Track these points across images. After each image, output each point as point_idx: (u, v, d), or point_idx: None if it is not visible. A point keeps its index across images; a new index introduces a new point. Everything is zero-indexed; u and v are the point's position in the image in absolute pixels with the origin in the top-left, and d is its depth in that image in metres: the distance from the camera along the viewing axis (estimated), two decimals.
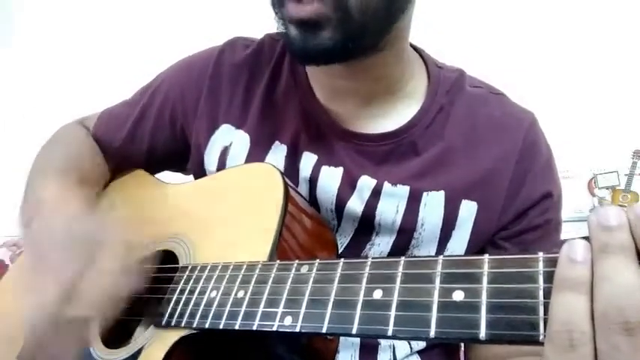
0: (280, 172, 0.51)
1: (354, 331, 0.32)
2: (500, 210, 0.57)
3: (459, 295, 0.30)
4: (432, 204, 0.57)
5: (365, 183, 0.57)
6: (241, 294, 0.40)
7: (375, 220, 0.57)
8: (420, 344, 0.61)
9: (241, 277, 0.42)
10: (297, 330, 0.35)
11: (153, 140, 0.70)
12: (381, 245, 0.58)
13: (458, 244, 0.57)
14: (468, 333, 0.28)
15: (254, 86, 0.65)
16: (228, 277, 0.43)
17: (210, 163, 0.64)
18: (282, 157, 0.61)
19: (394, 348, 0.59)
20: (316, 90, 0.62)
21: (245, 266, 0.43)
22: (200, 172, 0.66)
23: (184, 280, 0.46)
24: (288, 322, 0.36)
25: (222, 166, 0.63)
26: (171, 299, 0.45)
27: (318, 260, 0.38)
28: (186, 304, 0.44)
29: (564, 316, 0.25)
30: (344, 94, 0.60)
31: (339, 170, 0.58)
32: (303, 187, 0.60)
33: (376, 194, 0.57)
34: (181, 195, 0.62)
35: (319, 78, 0.62)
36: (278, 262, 0.41)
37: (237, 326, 0.38)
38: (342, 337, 0.56)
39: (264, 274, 0.40)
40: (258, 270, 0.41)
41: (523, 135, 0.59)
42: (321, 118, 0.61)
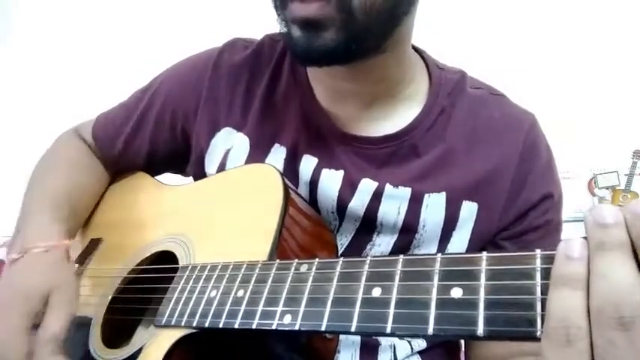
0: (280, 172, 0.51)
1: (352, 329, 0.32)
2: (501, 211, 0.57)
3: (457, 293, 0.30)
4: (434, 205, 0.57)
5: (366, 186, 0.57)
6: (241, 293, 0.40)
7: (377, 221, 0.57)
8: (421, 344, 0.60)
9: (241, 276, 0.42)
10: (297, 328, 0.35)
11: (153, 143, 0.70)
12: (382, 245, 0.58)
13: (458, 244, 0.57)
14: (466, 330, 0.28)
15: (254, 87, 0.64)
16: (227, 276, 0.43)
17: (211, 165, 0.64)
18: (282, 160, 0.61)
19: (395, 348, 0.59)
20: (317, 92, 0.62)
21: (245, 266, 0.43)
22: (200, 175, 0.66)
23: (184, 280, 0.47)
24: (287, 320, 0.36)
25: (222, 169, 0.63)
26: (171, 299, 0.46)
27: (317, 259, 0.38)
28: (186, 303, 0.44)
29: (561, 312, 0.25)
30: (345, 96, 0.60)
31: (339, 173, 0.58)
32: (303, 190, 0.60)
33: (378, 196, 0.57)
34: (181, 196, 0.62)
35: (320, 79, 0.62)
36: (278, 261, 0.41)
37: (236, 325, 0.38)
38: (343, 337, 0.56)
39: (263, 273, 0.41)
40: (257, 269, 0.41)
41: (523, 136, 0.60)
42: (321, 120, 0.61)
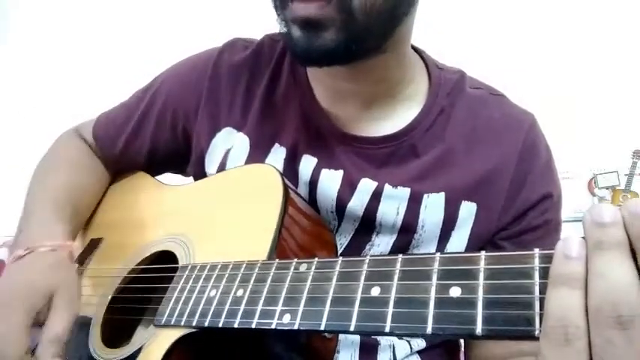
0: (280, 172, 0.52)
1: (351, 328, 0.32)
2: (500, 211, 0.57)
3: (455, 292, 0.30)
4: (433, 206, 0.57)
5: (365, 186, 0.58)
6: (240, 292, 0.40)
7: (376, 221, 0.57)
8: (420, 344, 0.60)
9: (240, 276, 0.42)
10: (296, 327, 0.35)
11: (154, 143, 0.70)
12: (381, 245, 0.58)
13: (457, 244, 0.57)
14: (464, 329, 0.28)
15: (254, 87, 0.65)
16: (227, 276, 0.43)
17: (211, 165, 0.64)
18: (282, 160, 0.61)
19: (394, 348, 0.59)
20: (317, 92, 0.62)
21: (244, 265, 0.43)
22: (200, 174, 0.66)
23: (184, 280, 0.47)
24: (286, 319, 0.36)
25: (222, 169, 0.63)
26: (171, 298, 0.46)
27: (316, 259, 0.39)
28: (186, 302, 0.44)
29: (559, 312, 0.25)
30: (345, 96, 0.60)
31: (339, 173, 0.58)
32: (302, 190, 0.60)
33: (377, 196, 0.57)
34: (181, 196, 0.62)
35: (320, 80, 0.62)
36: (277, 260, 0.41)
37: (236, 324, 0.38)
38: (342, 337, 0.56)
39: (263, 272, 0.41)
40: (257, 269, 0.41)
41: (523, 136, 0.60)
42: (321, 120, 0.61)
